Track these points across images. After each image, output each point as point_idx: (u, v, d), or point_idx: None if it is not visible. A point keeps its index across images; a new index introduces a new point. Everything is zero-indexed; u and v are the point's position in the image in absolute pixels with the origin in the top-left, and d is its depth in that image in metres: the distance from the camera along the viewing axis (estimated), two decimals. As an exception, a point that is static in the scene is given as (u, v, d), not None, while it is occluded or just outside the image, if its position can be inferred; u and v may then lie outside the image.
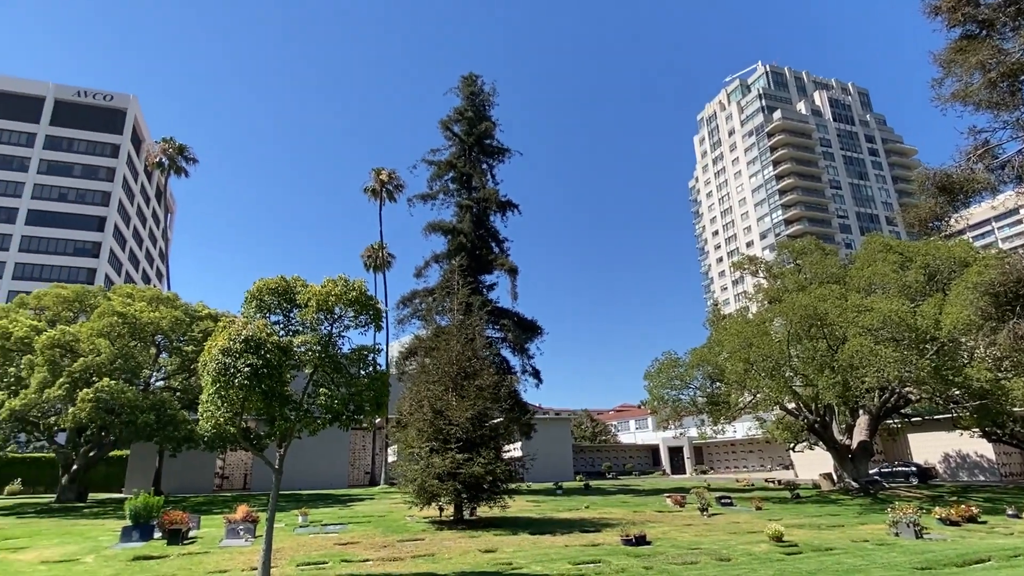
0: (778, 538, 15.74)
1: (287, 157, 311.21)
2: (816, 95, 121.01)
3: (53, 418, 29.23)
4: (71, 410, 25.84)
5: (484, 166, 39.88)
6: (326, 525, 20.09)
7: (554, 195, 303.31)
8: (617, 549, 15.14)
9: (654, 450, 69.14)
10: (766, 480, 42.37)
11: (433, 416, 20.14)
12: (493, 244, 38.73)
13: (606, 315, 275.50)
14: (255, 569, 12.64)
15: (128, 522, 17.32)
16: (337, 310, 11.85)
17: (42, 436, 30.46)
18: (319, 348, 11.50)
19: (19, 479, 40.72)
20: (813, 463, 42.63)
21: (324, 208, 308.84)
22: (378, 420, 38.68)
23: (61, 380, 25.95)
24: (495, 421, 21.70)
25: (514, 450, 38.03)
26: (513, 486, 21.70)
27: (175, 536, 16.20)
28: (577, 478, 47.61)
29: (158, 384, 32.88)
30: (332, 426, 12.13)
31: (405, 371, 33.20)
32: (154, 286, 59.37)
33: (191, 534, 17.60)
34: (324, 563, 13.81)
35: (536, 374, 37.23)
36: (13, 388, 27.94)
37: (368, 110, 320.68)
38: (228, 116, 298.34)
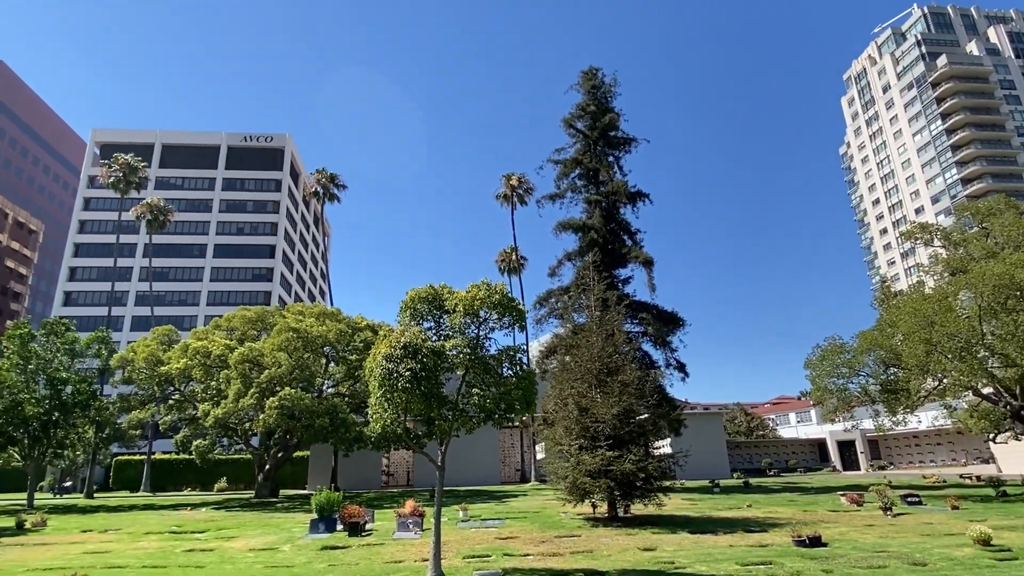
0: (985, 541, 13.72)
1: (424, 172, 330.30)
2: (991, 31, 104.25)
3: (248, 424, 33.53)
4: (261, 416, 29.48)
5: (610, 159, 39.32)
6: (485, 520, 20.95)
7: (687, 178, 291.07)
8: (788, 550, 14.11)
9: (820, 444, 63.59)
10: (961, 476, 37.18)
11: (579, 414, 20.21)
12: (625, 237, 38.04)
13: (752, 303, 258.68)
14: (426, 560, 13.50)
15: (314, 515, 19.35)
16: (482, 313, 12.33)
17: (240, 440, 35.05)
18: (469, 351, 12.03)
19: (224, 477, 47.31)
20: (1021, 456, 36.67)
21: (458, 216, 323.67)
22: (524, 418, 39.58)
23: (252, 390, 29.72)
24: (641, 417, 21.28)
25: (664, 447, 36.99)
26: (667, 483, 21.09)
27: (355, 529, 17.80)
28: (735, 475, 45.22)
29: (330, 391, 36.38)
30: (486, 424, 12.63)
31: (546, 370, 33.67)
32: (318, 303, 65.64)
33: (368, 527, 19.24)
34: (488, 556, 14.41)
35: (681, 368, 35.96)
36: (215, 399, 32.46)
37: (493, 116, 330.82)
38: (366, 138, 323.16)
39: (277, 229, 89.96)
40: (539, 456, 43.76)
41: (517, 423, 35.59)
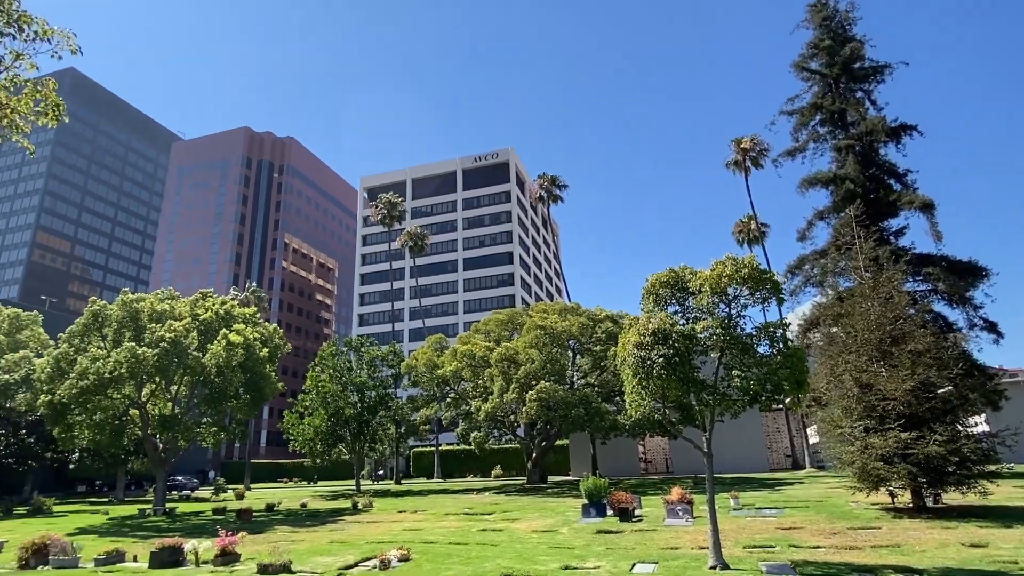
0: None
1: (636, 157, 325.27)
2: None
3: (512, 416, 36.61)
4: (523, 409, 31.96)
5: (858, 95, 33.87)
6: (760, 509, 19.66)
7: (964, 95, 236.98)
8: None
9: None
10: None
11: (859, 391, 17.75)
12: (891, 181, 32.38)
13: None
14: (703, 548, 13.16)
15: (584, 501, 20.27)
16: (731, 291, 11.61)
17: (508, 431, 38.44)
18: (721, 331, 11.43)
19: (499, 465, 52.36)
20: None
21: (682, 195, 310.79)
22: (787, 400, 36.21)
23: (512, 386, 32.40)
24: (943, 391, 17.84)
25: (979, 424, 30.53)
26: (991, 468, 17.32)
27: (624, 514, 18.19)
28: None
29: (580, 382, 37.87)
30: (751, 408, 11.86)
31: (809, 344, 30.36)
32: (557, 300, 68.75)
33: (636, 512, 19.50)
34: (771, 547, 13.49)
35: (991, 327, 29.29)
36: (483, 395, 36.10)
37: (704, 82, 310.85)
38: (575, 131, 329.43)
39: (512, 237, 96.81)
40: (812, 440, 39.64)
41: (788, 404, 32.69)
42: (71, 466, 47.18)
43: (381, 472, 62.52)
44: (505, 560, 13.37)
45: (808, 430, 40.12)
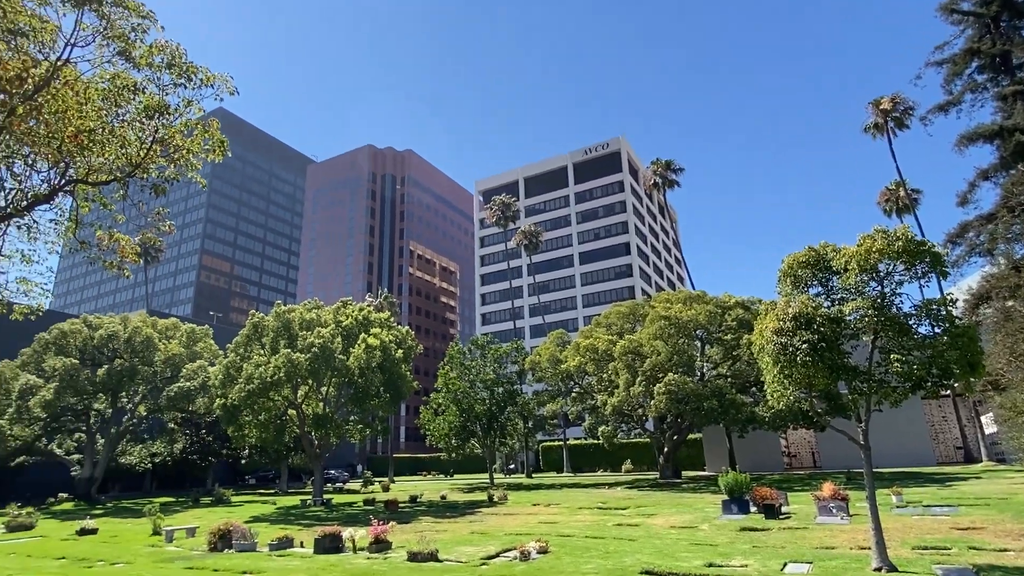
0: None
1: (758, 131, 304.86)
2: None
3: (640, 410, 35.91)
4: (652, 402, 31.22)
5: (1025, 32, 29.28)
6: (929, 506, 17.70)
7: None
8: None
9: None
10: None
11: (1050, 372, 15.39)
12: (1076, 128, 27.61)
13: None
14: (863, 548, 12.11)
15: (724, 496, 19.40)
16: (882, 267, 10.54)
17: (636, 424, 37.76)
18: (874, 312, 10.41)
19: (628, 460, 51.58)
20: None
21: (807, 168, 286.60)
22: (957, 385, 32.23)
23: (639, 379, 31.78)
24: None
25: None
26: None
27: (770, 511, 17.17)
28: None
29: (712, 373, 36.31)
30: (914, 395, 10.70)
31: (979, 321, 26.74)
32: (681, 289, 66.44)
33: (783, 510, 18.34)
34: (946, 548, 12.10)
35: None
36: (609, 389, 35.75)
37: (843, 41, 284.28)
38: (689, 112, 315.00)
39: (627, 227, 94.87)
40: (988, 430, 34.97)
41: (951, 391, 29.07)
42: (243, 461, 53.22)
43: (512, 466, 64.09)
44: (644, 555, 13.17)
45: (983, 418, 35.47)
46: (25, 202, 6.45)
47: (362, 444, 59.62)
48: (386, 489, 41.77)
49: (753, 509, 18.42)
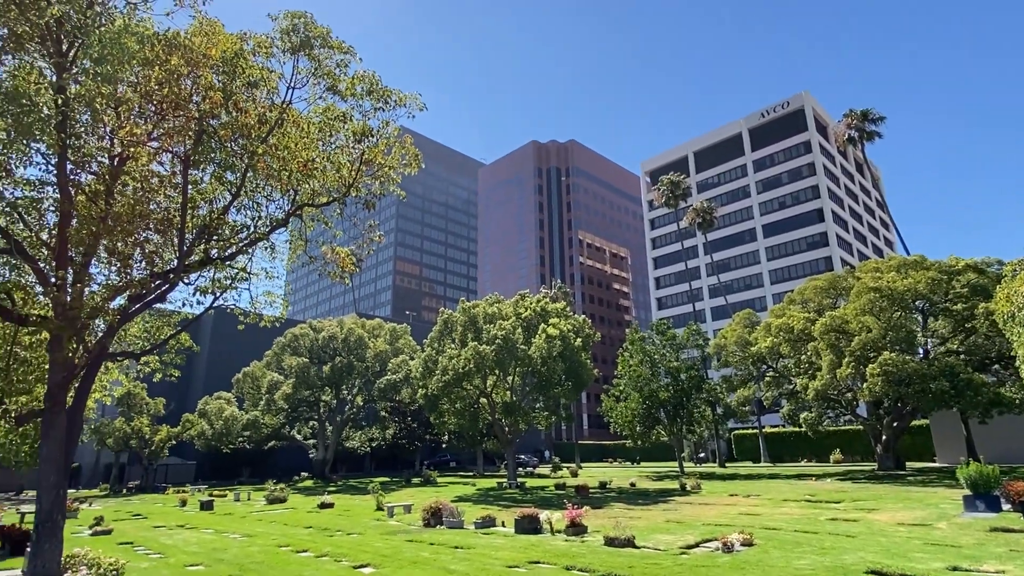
0: None
1: (974, 61, 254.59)
2: None
3: (849, 394, 32.20)
4: (864, 386, 27.82)
5: None
6: None
7: None
8: None
9: None
10: None
11: None
12: None
13: None
14: None
15: (966, 491, 16.67)
16: None
17: (845, 410, 33.95)
18: None
19: (837, 449, 46.57)
20: None
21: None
22: None
23: (846, 359, 28.51)
24: None
25: None
26: None
27: (1033, 510, 14.39)
28: None
29: (940, 349, 31.37)
30: None
31: None
32: (893, 256, 58.61)
33: (1052, 510, 15.22)
34: None
35: None
36: (809, 372, 32.61)
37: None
38: (884, 50, 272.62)
39: (818, 191, 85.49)
40: None
41: None
42: (443, 446, 58.07)
43: (703, 455, 61.56)
44: (869, 554, 11.82)
45: None
46: (267, 227, 7.74)
47: (548, 431, 61.69)
48: (575, 475, 42.67)
49: (1006, 507, 15.57)
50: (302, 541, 16.60)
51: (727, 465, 49.71)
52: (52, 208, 7.11)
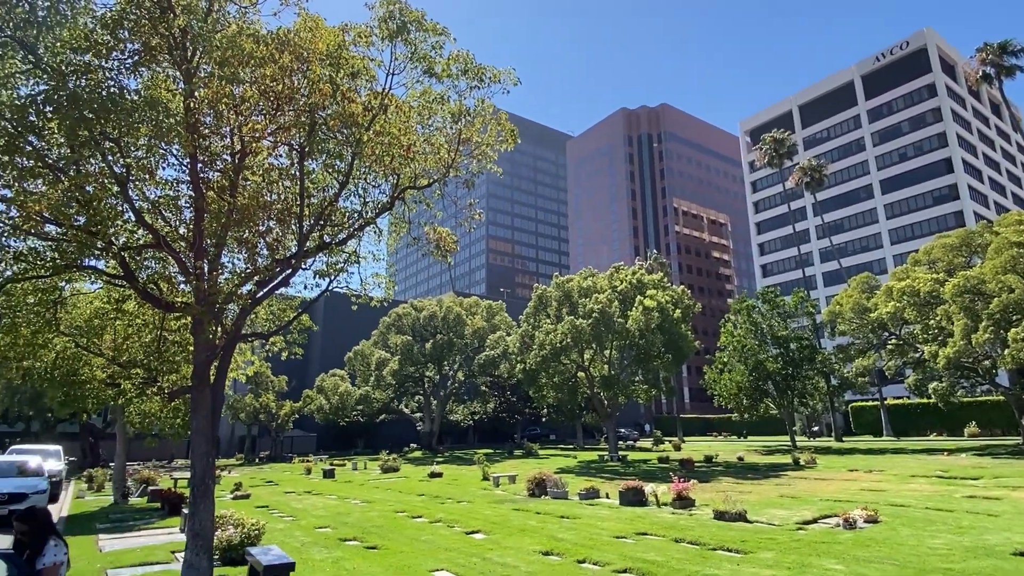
0: None
1: None
2: None
3: (987, 362, 29.13)
4: (1005, 352, 25.04)
5: None
6: None
7: None
8: None
9: None
10: None
11: None
12: None
13: None
14: None
15: None
16: None
17: (983, 380, 30.78)
18: None
19: (973, 422, 42.41)
20: None
21: None
22: None
23: (983, 324, 25.74)
24: None
25: None
26: None
27: None
28: None
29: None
30: None
31: None
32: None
33: None
34: None
35: None
36: (939, 339, 29.79)
37: None
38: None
39: (945, 139, 76.81)
40: None
41: None
42: (543, 419, 58.96)
43: (816, 428, 58.32)
44: (1016, 534, 10.76)
45: None
46: (375, 212, 8.14)
47: (648, 404, 60.81)
48: (678, 448, 41.93)
49: None
50: (416, 507, 17.58)
51: (844, 439, 46.80)
52: (187, 205, 7.87)
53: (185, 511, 13.35)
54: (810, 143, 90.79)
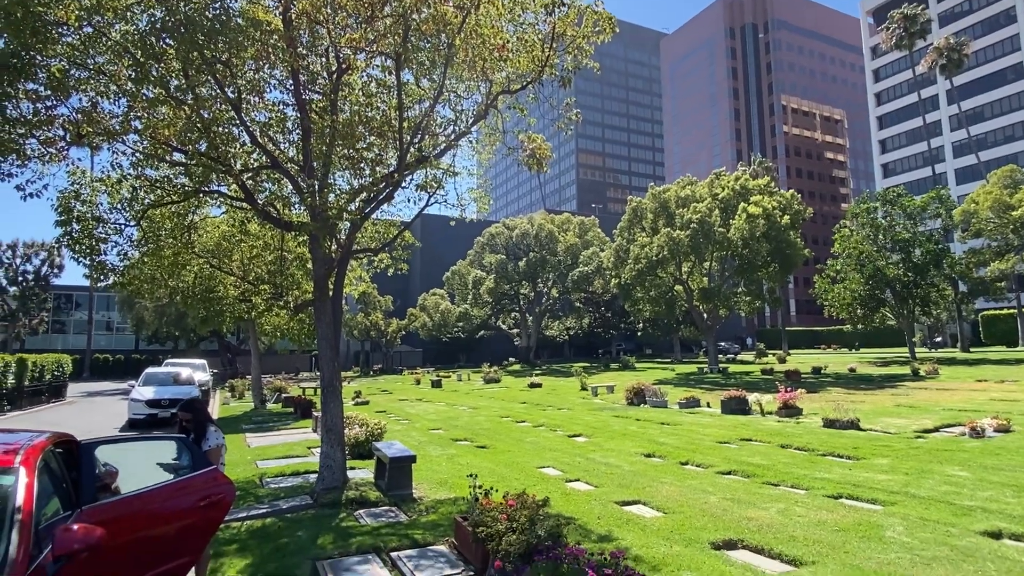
0: None
1: None
2: None
3: None
4: None
5: None
6: None
7: None
8: None
9: None
10: None
11: None
12: None
13: None
14: None
15: None
16: None
17: None
18: None
19: None
20: None
21: None
22: None
23: None
24: None
25: None
26: None
27: None
28: None
29: None
30: None
31: None
32: None
33: None
34: None
35: None
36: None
37: None
38: None
39: None
40: None
41: None
42: (639, 333, 58.94)
43: (939, 339, 54.19)
44: None
45: None
46: (470, 120, 8.10)
47: (750, 317, 58.87)
48: (783, 361, 40.68)
49: None
50: (519, 414, 18.50)
51: (971, 350, 43.26)
52: (294, 127, 8.21)
53: (316, 414, 14.88)
54: (946, 19, 78.62)
